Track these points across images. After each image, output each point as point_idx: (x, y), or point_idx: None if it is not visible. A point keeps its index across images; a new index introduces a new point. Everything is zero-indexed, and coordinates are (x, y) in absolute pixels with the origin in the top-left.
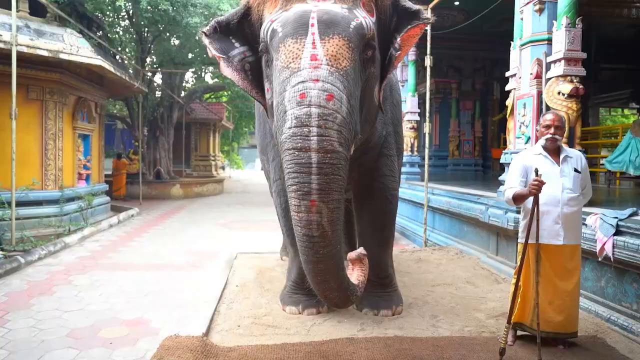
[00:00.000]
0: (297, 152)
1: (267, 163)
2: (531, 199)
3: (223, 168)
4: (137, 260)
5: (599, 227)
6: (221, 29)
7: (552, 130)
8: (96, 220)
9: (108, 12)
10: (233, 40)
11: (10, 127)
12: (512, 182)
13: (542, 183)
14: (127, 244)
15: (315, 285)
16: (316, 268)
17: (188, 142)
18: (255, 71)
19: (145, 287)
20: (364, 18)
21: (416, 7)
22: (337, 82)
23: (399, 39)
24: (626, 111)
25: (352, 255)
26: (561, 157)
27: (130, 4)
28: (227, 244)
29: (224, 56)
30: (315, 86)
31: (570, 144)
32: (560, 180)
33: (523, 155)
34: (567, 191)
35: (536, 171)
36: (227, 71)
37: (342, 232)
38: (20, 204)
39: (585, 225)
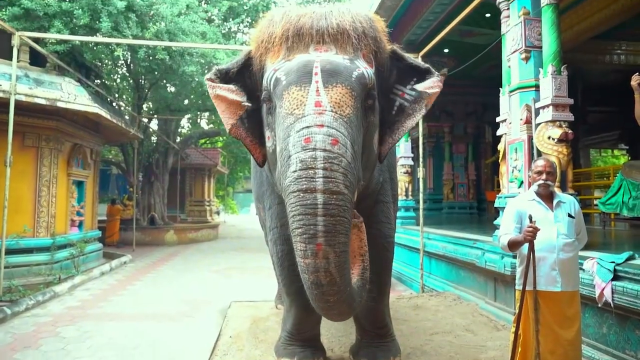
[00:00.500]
0: (302, 194)
1: (263, 211)
2: (527, 245)
3: (218, 213)
4: (128, 310)
5: (597, 272)
6: (221, 77)
7: (544, 176)
8: (87, 268)
9: (106, 61)
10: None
11: (5, 174)
12: (506, 228)
13: (536, 229)
14: (119, 292)
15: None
16: (329, 314)
17: (183, 188)
18: (251, 120)
19: (136, 338)
20: (365, 68)
21: (425, 65)
22: (342, 128)
23: (417, 93)
24: (616, 152)
25: None
26: (554, 202)
27: (128, 53)
28: (221, 291)
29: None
30: (320, 131)
31: (563, 188)
32: (555, 226)
33: (517, 201)
34: (562, 237)
35: (530, 218)
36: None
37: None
38: (10, 251)
39: (583, 270)
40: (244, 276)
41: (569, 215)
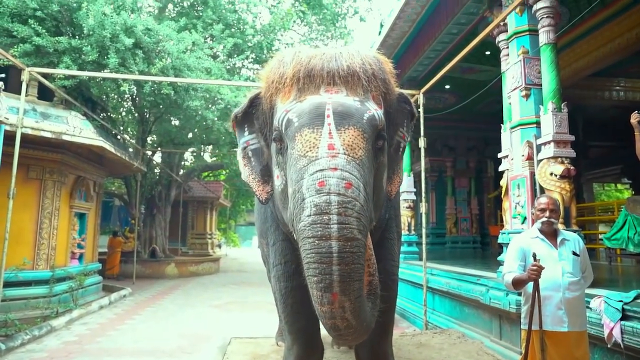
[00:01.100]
0: (317, 241)
1: (266, 247)
2: (531, 284)
3: (219, 246)
4: (126, 345)
5: (604, 311)
6: (236, 120)
7: (547, 213)
8: (86, 301)
9: (112, 95)
10: (245, 128)
11: (7, 206)
12: (510, 266)
13: (541, 268)
14: (117, 327)
15: None
16: (349, 345)
17: (185, 220)
18: (256, 158)
19: None
20: (375, 110)
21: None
22: (354, 171)
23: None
24: (619, 186)
25: None
26: (558, 240)
27: (134, 87)
28: (221, 326)
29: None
30: (334, 174)
31: (567, 224)
32: (560, 264)
33: (520, 238)
34: (567, 275)
35: (534, 256)
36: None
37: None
38: (8, 284)
39: (590, 309)
40: (245, 311)
41: (574, 253)
